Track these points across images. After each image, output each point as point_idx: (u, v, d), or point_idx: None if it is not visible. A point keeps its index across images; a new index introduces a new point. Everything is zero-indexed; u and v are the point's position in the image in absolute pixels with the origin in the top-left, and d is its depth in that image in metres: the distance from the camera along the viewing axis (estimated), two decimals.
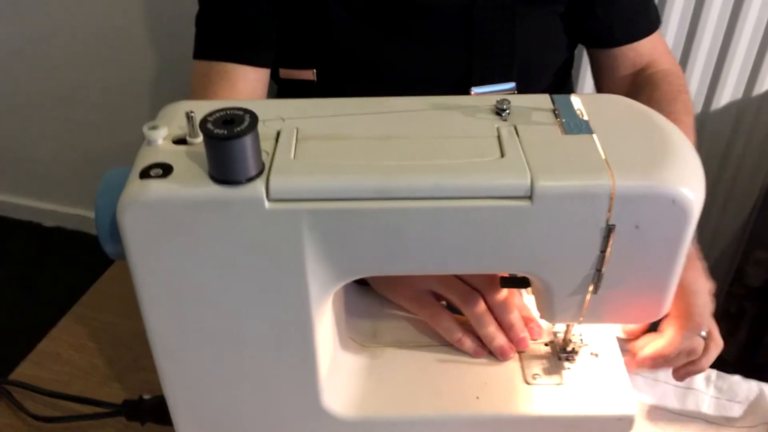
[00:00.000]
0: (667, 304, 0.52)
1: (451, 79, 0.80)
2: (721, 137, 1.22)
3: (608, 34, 0.83)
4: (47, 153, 1.80)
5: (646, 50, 0.84)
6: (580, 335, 0.62)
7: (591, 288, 0.51)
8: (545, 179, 0.45)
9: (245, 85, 0.79)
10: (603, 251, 0.48)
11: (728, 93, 1.16)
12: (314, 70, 0.79)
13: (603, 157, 0.46)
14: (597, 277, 0.50)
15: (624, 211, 0.46)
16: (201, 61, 0.80)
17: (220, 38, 0.80)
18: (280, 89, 0.88)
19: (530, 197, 0.45)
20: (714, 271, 1.42)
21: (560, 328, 0.63)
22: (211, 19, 0.81)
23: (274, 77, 0.84)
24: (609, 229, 0.47)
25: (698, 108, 1.19)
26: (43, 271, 1.78)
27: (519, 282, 0.58)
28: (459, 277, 0.63)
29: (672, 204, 0.45)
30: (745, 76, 1.14)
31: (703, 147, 1.23)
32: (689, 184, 0.46)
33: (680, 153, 0.47)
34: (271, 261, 0.48)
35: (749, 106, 1.16)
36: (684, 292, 0.61)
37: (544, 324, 0.64)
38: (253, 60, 0.79)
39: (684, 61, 1.14)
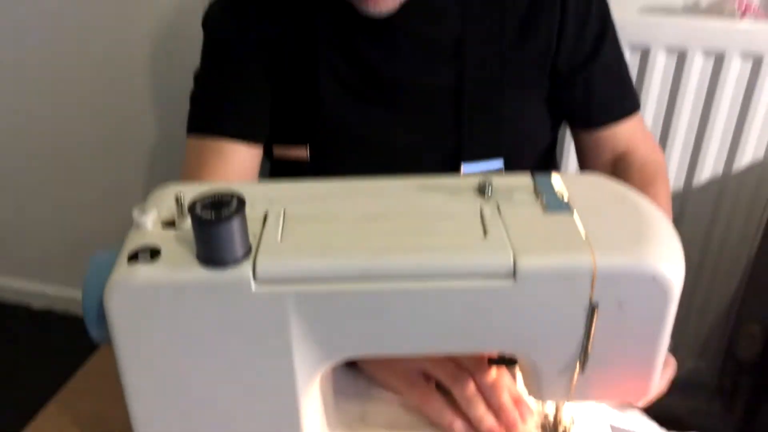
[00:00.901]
0: (655, 383, 0.52)
1: (441, 154, 0.82)
2: (704, 213, 1.24)
3: (587, 117, 0.86)
4: (38, 234, 1.80)
5: (624, 136, 0.87)
6: (572, 418, 0.62)
7: (578, 367, 0.51)
8: (527, 258, 0.46)
9: (238, 161, 0.81)
10: (588, 330, 0.48)
11: (708, 170, 1.19)
12: (307, 146, 0.81)
13: (584, 235, 0.47)
14: (583, 355, 0.50)
15: (606, 290, 0.46)
16: (195, 137, 0.82)
17: (214, 114, 0.82)
18: (273, 167, 0.90)
19: (513, 276, 0.46)
20: (706, 347, 1.42)
21: (550, 408, 0.62)
22: (205, 95, 0.84)
23: (268, 155, 0.86)
24: (592, 308, 0.47)
25: (680, 184, 1.22)
26: (31, 355, 1.75)
27: (507, 361, 0.58)
28: (449, 357, 0.63)
29: (653, 281, 0.46)
30: (724, 154, 1.17)
31: (686, 223, 1.25)
32: (669, 262, 0.47)
33: (659, 232, 0.49)
34: (258, 343, 0.48)
35: (729, 182, 1.19)
36: None
37: (534, 404, 0.63)
38: (246, 136, 0.81)
39: (663, 140, 1.18)
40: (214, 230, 0.45)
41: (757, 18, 1.08)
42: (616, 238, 0.48)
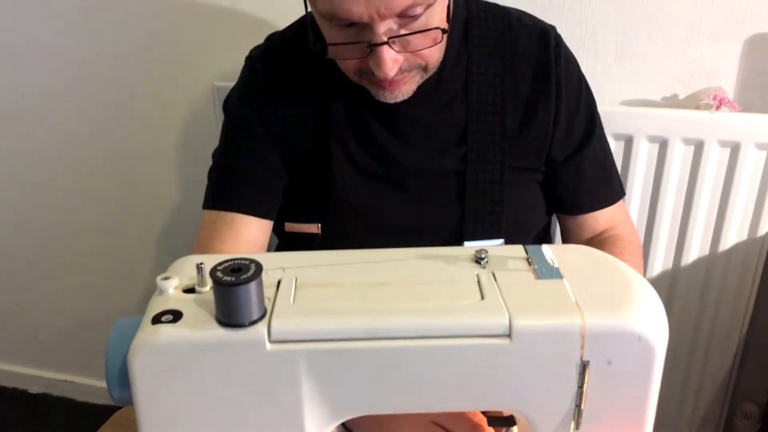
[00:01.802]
0: None
1: (446, 232, 0.87)
2: (693, 294, 1.27)
3: (575, 203, 0.93)
4: (39, 318, 1.82)
5: (604, 218, 0.94)
6: None
7: (573, 425, 0.54)
8: (522, 319, 0.50)
9: (249, 233, 0.87)
10: (580, 387, 0.52)
11: (695, 250, 1.24)
12: (319, 225, 0.86)
13: (573, 299, 0.52)
14: (577, 413, 0.53)
15: (595, 348, 0.50)
16: (210, 211, 0.89)
17: (229, 190, 0.89)
18: (281, 242, 0.95)
19: (509, 335, 0.50)
20: (703, 427, 1.42)
21: None
22: (222, 172, 0.91)
23: (277, 231, 0.91)
24: (583, 365, 0.51)
25: (668, 266, 1.26)
26: None
27: (505, 421, 0.61)
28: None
29: (638, 340, 0.50)
30: (709, 235, 1.22)
31: (676, 303, 1.29)
32: (653, 322, 0.51)
33: (642, 295, 0.53)
34: (271, 399, 0.51)
35: (716, 261, 1.24)
36: None
37: None
38: (258, 211, 0.88)
39: (650, 222, 1.23)
40: (234, 292, 0.49)
41: (732, 109, 1.16)
42: (604, 301, 0.52)
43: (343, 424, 0.72)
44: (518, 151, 0.88)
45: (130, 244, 1.63)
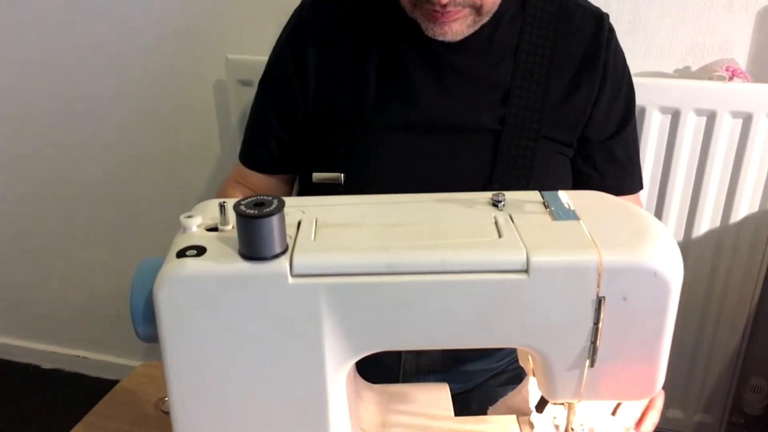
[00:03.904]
0: (660, 379, 0.56)
1: (469, 190, 0.87)
2: (703, 266, 1.28)
3: (601, 185, 0.94)
4: (52, 293, 1.84)
5: None
6: (581, 425, 0.64)
7: (588, 362, 0.54)
8: (539, 255, 0.51)
9: (260, 185, 0.98)
10: (596, 323, 0.53)
11: (706, 221, 1.24)
12: (342, 175, 0.87)
13: (590, 237, 0.52)
14: (592, 350, 0.54)
15: (611, 284, 0.51)
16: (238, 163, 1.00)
17: (246, 145, 0.99)
18: (303, 192, 0.98)
19: (526, 271, 0.51)
20: (712, 402, 1.42)
21: (562, 419, 0.65)
22: (248, 127, 0.99)
23: (302, 182, 0.97)
24: (599, 301, 0.52)
25: (679, 238, 1.27)
26: (39, 415, 1.75)
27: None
28: None
29: (654, 276, 0.51)
30: (720, 206, 1.23)
31: (687, 277, 1.29)
32: (668, 259, 0.51)
33: (658, 233, 0.54)
34: (292, 333, 0.52)
35: (727, 233, 1.24)
36: None
37: (549, 415, 0.66)
38: (270, 171, 0.98)
39: (661, 193, 1.24)
40: (257, 225, 0.50)
41: (744, 80, 1.16)
42: (620, 239, 0.52)
43: None
44: (555, 123, 0.89)
45: (144, 220, 1.64)
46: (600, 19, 0.92)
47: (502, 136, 0.86)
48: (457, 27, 0.81)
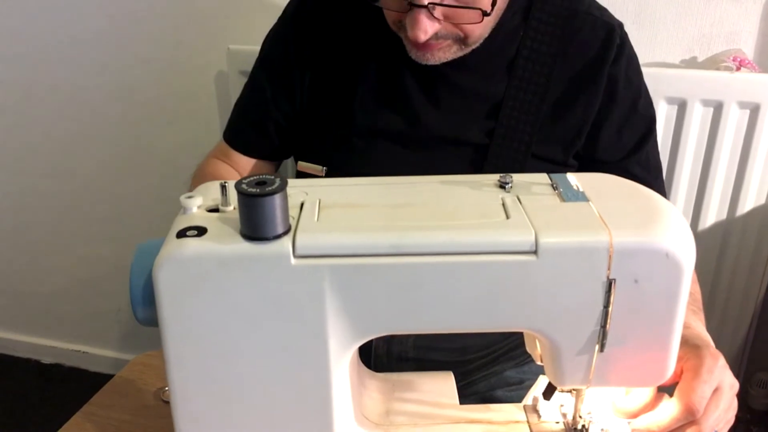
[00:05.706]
0: (671, 365, 0.54)
1: None
2: (709, 259, 1.27)
3: None
4: (52, 288, 1.83)
5: None
6: (589, 413, 0.63)
7: (597, 347, 0.53)
8: (548, 236, 0.50)
9: (241, 170, 0.96)
10: (606, 307, 0.51)
11: (713, 214, 1.23)
12: (324, 168, 0.86)
13: (600, 218, 0.51)
14: (602, 334, 0.52)
15: (622, 266, 0.50)
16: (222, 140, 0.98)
17: (233, 125, 0.97)
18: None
19: (535, 252, 0.49)
20: None
21: (569, 407, 0.64)
22: (236, 106, 0.97)
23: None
24: (610, 284, 0.50)
25: None
26: (39, 410, 1.75)
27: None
28: None
29: (666, 258, 0.49)
30: (727, 198, 1.21)
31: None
32: (680, 240, 0.50)
33: (669, 215, 0.52)
34: (294, 316, 0.51)
35: (733, 227, 1.23)
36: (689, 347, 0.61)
37: (556, 403, 0.65)
38: (246, 152, 0.96)
39: (668, 185, 1.22)
40: (259, 203, 0.49)
41: (751, 71, 1.15)
42: (631, 220, 0.51)
43: None
44: (547, 141, 0.85)
45: (144, 215, 1.63)
46: (610, 32, 0.85)
47: (489, 149, 0.84)
48: (441, 55, 0.79)
